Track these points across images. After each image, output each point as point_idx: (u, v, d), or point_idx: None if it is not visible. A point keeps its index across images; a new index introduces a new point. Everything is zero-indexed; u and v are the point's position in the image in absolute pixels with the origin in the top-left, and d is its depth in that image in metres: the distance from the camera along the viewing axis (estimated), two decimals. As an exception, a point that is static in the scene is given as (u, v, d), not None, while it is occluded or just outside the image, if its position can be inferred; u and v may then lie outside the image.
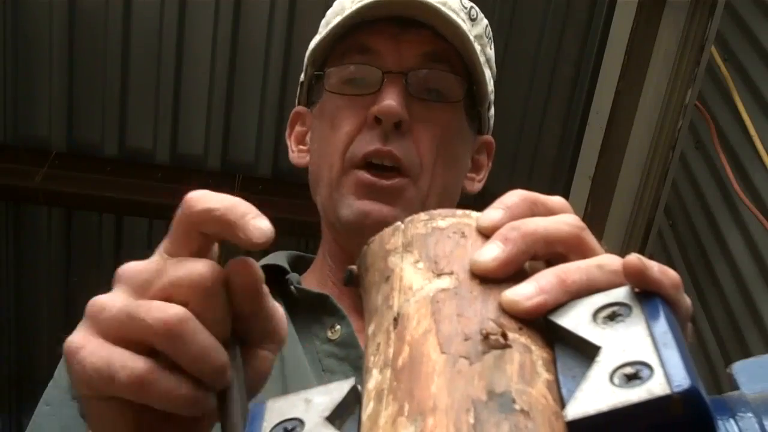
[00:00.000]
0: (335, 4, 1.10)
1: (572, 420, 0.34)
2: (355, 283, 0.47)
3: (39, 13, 2.77)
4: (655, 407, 0.33)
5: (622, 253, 0.41)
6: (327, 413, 0.39)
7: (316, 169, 1.05)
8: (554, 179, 3.10)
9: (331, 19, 1.07)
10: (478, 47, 1.04)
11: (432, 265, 0.41)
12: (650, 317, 0.37)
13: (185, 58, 2.84)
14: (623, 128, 2.60)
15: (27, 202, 2.98)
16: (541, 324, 0.39)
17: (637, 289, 0.39)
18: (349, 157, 1.00)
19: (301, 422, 0.39)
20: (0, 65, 2.84)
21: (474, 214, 0.45)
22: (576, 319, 0.38)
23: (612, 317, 0.38)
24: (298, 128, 1.14)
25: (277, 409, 0.40)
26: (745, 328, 2.54)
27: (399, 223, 0.45)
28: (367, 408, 0.37)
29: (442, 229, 0.44)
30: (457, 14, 1.05)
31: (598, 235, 2.62)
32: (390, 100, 0.97)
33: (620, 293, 0.39)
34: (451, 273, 0.41)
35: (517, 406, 0.34)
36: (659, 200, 2.68)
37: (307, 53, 1.10)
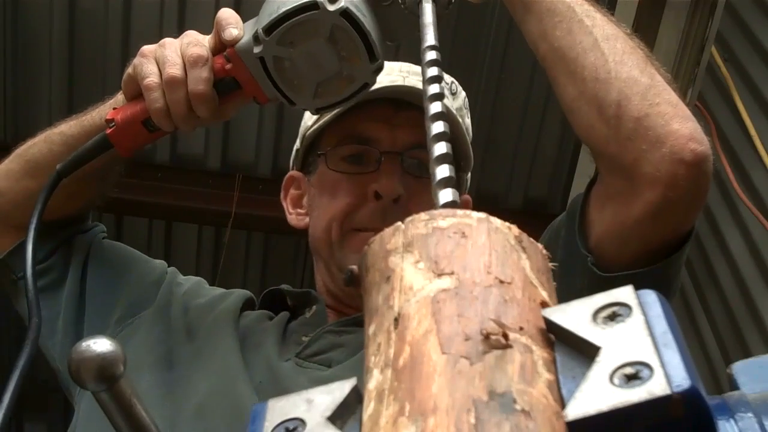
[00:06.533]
0: None
1: (572, 420, 0.34)
2: (355, 284, 0.47)
3: (39, 13, 2.77)
4: (655, 407, 0.33)
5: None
6: (328, 413, 0.39)
7: (316, 233, 1.17)
8: (554, 179, 3.10)
9: None
10: (459, 119, 1.18)
11: (432, 265, 0.41)
12: (650, 317, 0.37)
13: (185, 58, 2.84)
14: (623, 128, 2.59)
15: (27, 202, 2.98)
16: (541, 324, 0.39)
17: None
18: (349, 223, 1.12)
19: (302, 422, 0.39)
20: (0, 65, 2.84)
21: (474, 214, 0.45)
22: (576, 319, 0.38)
23: (612, 317, 0.38)
24: (293, 191, 1.26)
25: (279, 408, 0.40)
26: (745, 328, 2.54)
27: (399, 223, 0.45)
28: (368, 408, 0.37)
29: (443, 229, 0.44)
30: None
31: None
32: (390, 179, 1.10)
33: (621, 293, 0.39)
34: (452, 273, 0.41)
35: (518, 406, 0.34)
36: (659, 200, 2.67)
37: (303, 127, 1.23)
